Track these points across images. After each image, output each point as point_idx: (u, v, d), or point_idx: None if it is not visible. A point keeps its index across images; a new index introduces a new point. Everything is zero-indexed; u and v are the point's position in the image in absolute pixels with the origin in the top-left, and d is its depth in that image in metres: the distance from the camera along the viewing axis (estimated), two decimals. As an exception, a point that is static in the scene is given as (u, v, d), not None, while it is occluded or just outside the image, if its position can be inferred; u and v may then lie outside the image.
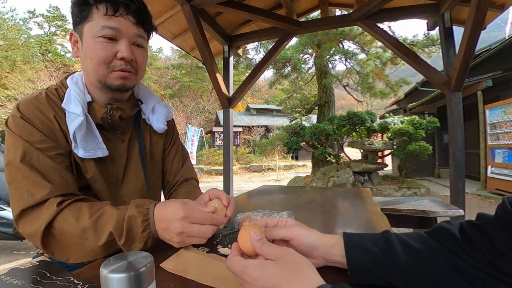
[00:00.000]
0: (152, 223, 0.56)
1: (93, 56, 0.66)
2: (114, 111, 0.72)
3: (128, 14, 0.67)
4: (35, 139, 0.62)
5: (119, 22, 0.66)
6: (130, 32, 0.68)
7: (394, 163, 9.29)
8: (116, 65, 0.68)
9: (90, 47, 0.66)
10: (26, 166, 0.59)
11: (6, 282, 0.44)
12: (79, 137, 0.66)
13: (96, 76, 0.68)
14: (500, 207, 0.41)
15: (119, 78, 0.69)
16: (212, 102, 26.00)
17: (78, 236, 0.55)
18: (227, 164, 3.57)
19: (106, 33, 0.65)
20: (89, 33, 0.66)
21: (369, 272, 0.44)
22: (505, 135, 5.24)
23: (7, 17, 23.62)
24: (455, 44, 2.82)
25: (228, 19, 3.45)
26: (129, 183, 0.79)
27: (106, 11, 0.65)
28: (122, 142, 0.78)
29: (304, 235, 0.48)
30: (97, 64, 0.67)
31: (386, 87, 8.35)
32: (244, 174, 13.73)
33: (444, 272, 0.41)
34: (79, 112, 0.66)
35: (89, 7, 0.65)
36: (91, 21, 0.65)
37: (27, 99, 0.67)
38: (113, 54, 0.67)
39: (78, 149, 0.67)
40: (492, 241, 0.39)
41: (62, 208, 0.57)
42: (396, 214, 2.03)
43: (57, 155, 0.64)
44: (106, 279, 0.30)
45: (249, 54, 9.60)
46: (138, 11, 0.68)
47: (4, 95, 15.46)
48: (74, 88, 0.69)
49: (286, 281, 0.34)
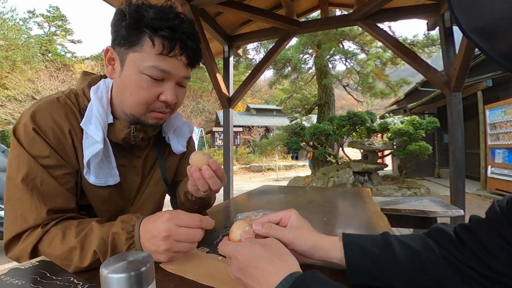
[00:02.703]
0: (137, 240, 0.51)
1: (134, 93, 0.61)
2: (137, 132, 0.68)
3: (182, 54, 0.60)
4: (43, 154, 0.57)
5: (171, 64, 0.60)
6: (179, 74, 0.62)
7: (394, 163, 9.28)
8: (157, 106, 0.63)
9: (132, 81, 0.60)
10: (27, 187, 0.55)
11: (6, 282, 0.44)
12: (93, 164, 0.62)
13: (131, 111, 0.64)
14: (490, 209, 0.42)
15: (155, 118, 0.65)
16: (212, 102, 25.99)
17: (63, 258, 0.51)
18: (227, 164, 3.57)
19: (154, 75, 0.59)
20: (134, 64, 0.59)
21: (368, 272, 0.45)
22: (505, 135, 5.24)
23: (7, 17, 23.63)
24: (455, 44, 2.82)
25: (228, 19, 3.45)
26: (143, 201, 0.76)
27: (161, 50, 0.58)
28: (139, 158, 0.74)
29: (300, 241, 0.48)
30: (137, 103, 0.62)
31: (386, 87, 8.36)
32: (244, 174, 13.73)
33: (443, 272, 0.42)
34: (98, 139, 0.60)
35: (141, 36, 0.58)
36: (140, 52, 0.58)
37: (43, 107, 0.60)
38: (156, 95, 0.62)
39: (90, 175, 0.63)
40: (483, 241, 0.40)
41: (48, 229, 0.54)
42: (396, 214, 2.03)
43: (63, 175, 0.60)
44: (106, 279, 0.30)
45: (249, 54, 9.63)
46: (192, 52, 0.62)
47: (4, 95, 15.46)
48: (97, 106, 0.62)
49: (268, 263, 0.38)
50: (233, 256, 0.41)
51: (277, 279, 0.36)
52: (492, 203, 0.43)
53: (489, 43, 0.23)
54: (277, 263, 0.38)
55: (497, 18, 0.21)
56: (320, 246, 0.48)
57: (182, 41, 0.59)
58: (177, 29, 0.58)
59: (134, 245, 0.52)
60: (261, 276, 0.37)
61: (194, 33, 0.62)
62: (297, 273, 0.36)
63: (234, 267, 0.41)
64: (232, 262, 0.41)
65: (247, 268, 0.39)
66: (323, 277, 0.36)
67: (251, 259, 0.39)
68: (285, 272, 0.36)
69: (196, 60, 0.65)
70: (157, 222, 0.51)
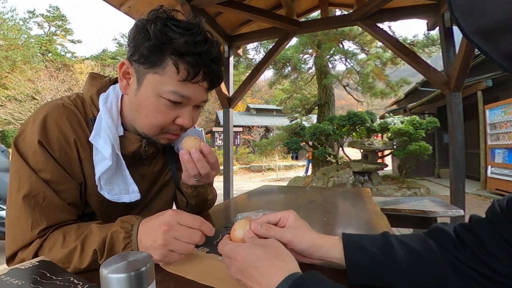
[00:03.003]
0: (135, 240, 0.50)
1: (150, 115, 0.58)
2: (148, 146, 0.66)
3: (204, 80, 0.58)
4: (47, 168, 0.55)
5: (192, 90, 0.57)
6: (198, 99, 0.60)
7: (394, 163, 9.29)
8: (172, 129, 0.62)
9: (150, 103, 0.57)
10: (28, 205, 0.53)
11: (6, 282, 0.44)
12: (103, 180, 0.60)
13: (144, 131, 0.62)
14: (490, 209, 0.42)
15: (167, 139, 0.64)
16: (212, 102, 25.97)
17: (64, 261, 0.51)
18: (227, 164, 3.58)
19: (174, 99, 0.57)
20: (153, 87, 0.56)
21: (368, 272, 0.45)
22: (505, 135, 5.24)
23: (7, 17, 23.65)
24: (455, 44, 2.82)
25: (228, 19, 3.45)
26: (149, 209, 0.75)
27: (185, 77, 0.55)
28: (147, 167, 0.73)
29: (298, 241, 0.48)
30: (151, 125, 0.60)
31: (386, 87, 8.36)
32: (244, 174, 13.73)
33: (443, 272, 0.42)
34: (107, 155, 0.57)
35: (165, 59, 0.55)
36: (161, 75, 0.55)
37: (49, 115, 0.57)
38: (173, 119, 0.60)
39: (103, 191, 0.61)
40: (483, 241, 0.40)
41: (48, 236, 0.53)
42: (396, 214, 2.03)
43: (67, 189, 0.58)
44: (106, 279, 0.30)
45: (249, 54, 9.62)
46: (215, 77, 0.60)
47: (4, 95, 15.47)
48: (106, 118, 0.59)
49: (268, 263, 0.38)
50: (232, 257, 0.41)
51: (276, 280, 0.36)
52: (492, 203, 0.43)
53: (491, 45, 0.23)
54: (276, 264, 0.38)
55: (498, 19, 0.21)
56: (319, 245, 0.48)
57: (206, 67, 0.56)
58: (204, 55, 0.55)
59: (131, 244, 0.50)
60: (261, 277, 0.37)
61: (219, 57, 0.59)
62: (296, 273, 0.36)
63: (233, 268, 0.41)
64: (232, 262, 0.41)
65: (247, 269, 0.39)
66: (323, 278, 0.36)
67: (251, 260, 0.39)
68: (285, 273, 0.36)
69: (217, 84, 0.62)
70: (159, 217, 0.50)
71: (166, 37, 0.53)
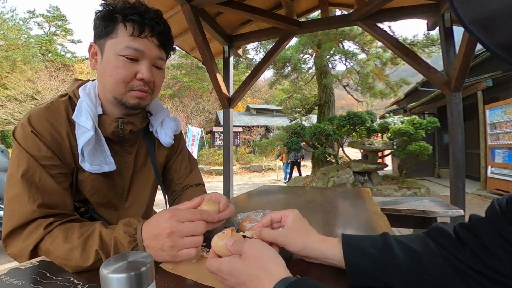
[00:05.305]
0: (140, 242, 0.53)
1: (112, 74, 0.66)
2: (125, 125, 0.73)
3: (152, 36, 0.67)
4: (42, 154, 0.61)
5: (143, 44, 0.66)
6: (153, 54, 0.68)
7: (394, 163, 9.28)
8: (135, 85, 0.68)
9: (110, 64, 0.66)
10: (26, 182, 0.58)
11: (6, 282, 0.44)
12: (86, 151, 0.66)
13: (112, 93, 0.68)
14: (489, 208, 0.42)
15: (135, 98, 0.69)
16: (212, 102, 26.00)
17: (63, 257, 0.52)
18: (227, 164, 3.58)
19: (129, 54, 0.65)
20: (111, 49, 0.66)
21: (367, 273, 0.45)
22: (505, 135, 5.24)
23: (7, 17, 23.65)
24: (455, 44, 2.82)
25: (228, 19, 3.45)
26: (135, 195, 0.80)
27: (132, 32, 0.64)
28: (130, 155, 0.78)
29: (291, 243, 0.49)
30: (116, 82, 0.66)
31: (386, 87, 8.36)
32: (244, 174, 13.73)
33: (443, 273, 0.41)
34: (89, 127, 0.65)
35: (115, 24, 0.65)
36: (115, 38, 0.65)
37: (40, 110, 0.65)
38: (133, 74, 0.67)
39: (85, 163, 0.67)
40: (483, 241, 0.40)
41: (51, 230, 0.56)
42: (396, 214, 2.03)
43: (59, 174, 0.64)
44: (106, 279, 0.30)
45: (249, 54, 9.62)
46: (162, 34, 0.69)
47: (4, 95, 15.48)
48: (86, 99, 0.68)
49: (254, 278, 0.38)
50: (219, 276, 0.42)
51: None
52: (492, 202, 0.42)
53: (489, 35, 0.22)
54: (260, 277, 0.38)
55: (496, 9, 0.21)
56: (312, 248, 0.49)
57: (151, 25, 0.66)
58: (144, 15, 0.66)
59: (138, 247, 0.53)
60: None
61: (161, 19, 0.69)
62: (286, 279, 0.36)
63: (226, 282, 0.41)
64: (222, 280, 0.42)
65: (237, 285, 0.40)
66: (314, 283, 0.36)
67: (236, 276, 0.39)
68: (271, 283, 0.36)
69: (167, 42, 0.71)
70: (159, 221, 0.52)
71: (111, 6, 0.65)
